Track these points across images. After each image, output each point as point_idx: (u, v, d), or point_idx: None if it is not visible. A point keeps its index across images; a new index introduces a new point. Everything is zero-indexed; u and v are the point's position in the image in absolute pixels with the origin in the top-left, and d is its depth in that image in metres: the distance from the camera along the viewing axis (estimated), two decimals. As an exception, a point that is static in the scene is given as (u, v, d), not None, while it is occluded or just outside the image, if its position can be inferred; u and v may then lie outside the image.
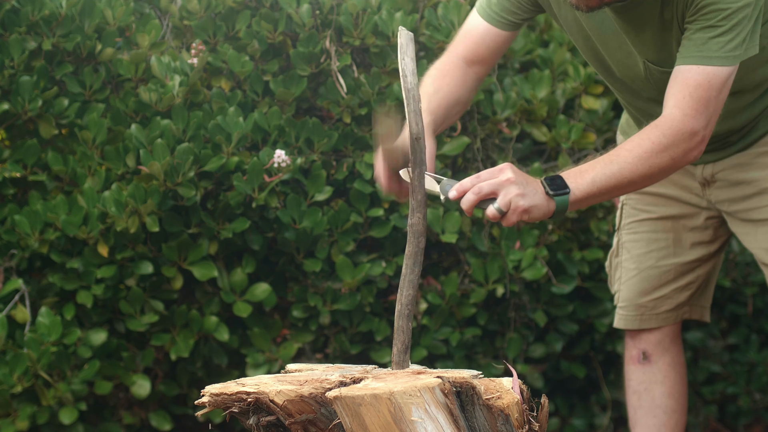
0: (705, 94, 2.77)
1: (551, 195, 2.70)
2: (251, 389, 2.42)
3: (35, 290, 3.73)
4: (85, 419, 3.84)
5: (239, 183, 3.66)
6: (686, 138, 2.77)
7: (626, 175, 2.76)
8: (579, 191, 2.72)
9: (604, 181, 2.74)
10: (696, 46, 2.77)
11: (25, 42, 3.71)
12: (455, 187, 2.68)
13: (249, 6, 3.91)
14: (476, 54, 3.08)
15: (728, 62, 2.77)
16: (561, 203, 2.71)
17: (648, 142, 2.77)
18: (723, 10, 2.74)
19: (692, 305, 3.42)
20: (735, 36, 2.76)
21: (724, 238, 3.36)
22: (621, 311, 3.44)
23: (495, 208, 2.67)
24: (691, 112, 2.77)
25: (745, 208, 3.20)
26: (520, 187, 2.67)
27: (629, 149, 2.76)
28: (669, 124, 2.77)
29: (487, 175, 2.68)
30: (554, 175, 2.73)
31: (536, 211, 2.69)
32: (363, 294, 3.86)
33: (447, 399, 2.35)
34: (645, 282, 3.37)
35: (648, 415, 3.43)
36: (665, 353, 3.43)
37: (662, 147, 2.76)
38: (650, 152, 2.76)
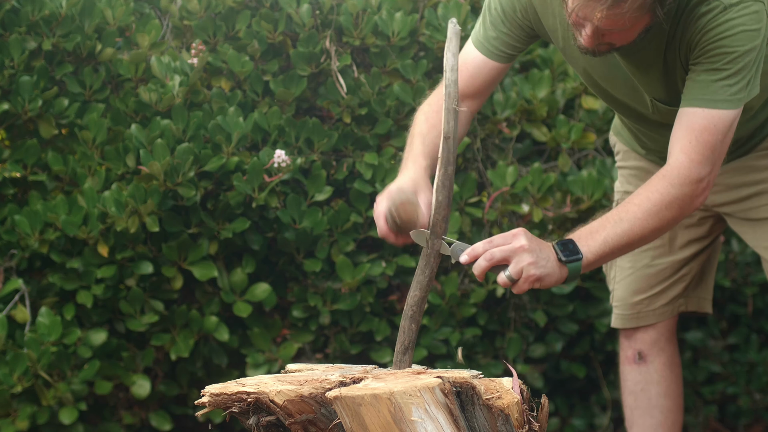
0: (711, 138, 2.75)
1: (564, 262, 2.68)
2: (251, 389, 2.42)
3: (35, 290, 3.73)
4: (85, 419, 3.84)
5: (239, 183, 3.66)
6: (693, 185, 2.76)
7: (637, 232, 2.74)
8: (591, 254, 2.71)
9: (615, 241, 2.73)
10: (701, 88, 2.75)
11: (25, 42, 3.71)
12: (467, 251, 2.66)
13: (249, 6, 3.91)
14: (471, 87, 3.02)
15: (733, 105, 2.75)
16: (574, 270, 2.70)
17: (657, 194, 2.75)
18: (729, 53, 2.71)
19: (688, 297, 3.41)
20: (740, 79, 2.73)
21: (719, 231, 3.36)
22: (617, 311, 3.44)
23: (506, 276, 2.65)
24: (698, 157, 2.75)
25: (743, 208, 3.20)
26: (533, 254, 2.65)
27: (638, 204, 2.75)
28: (676, 172, 2.76)
29: (499, 241, 2.65)
30: (566, 240, 2.71)
31: (548, 279, 2.68)
32: (363, 294, 3.86)
33: (447, 399, 2.35)
34: (640, 281, 3.37)
35: (644, 416, 3.43)
36: (661, 353, 3.43)
37: (671, 198, 2.75)
38: (659, 205, 2.75)
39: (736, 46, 2.70)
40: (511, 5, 2.94)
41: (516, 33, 2.96)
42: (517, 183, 3.95)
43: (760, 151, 3.14)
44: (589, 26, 2.66)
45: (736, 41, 2.70)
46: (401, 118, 3.91)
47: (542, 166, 4.05)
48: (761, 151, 3.14)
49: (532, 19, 2.93)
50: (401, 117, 3.91)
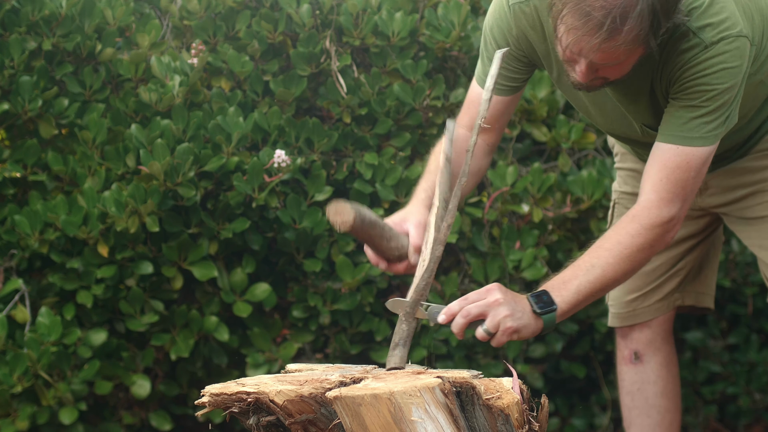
0: (683, 176, 2.76)
1: (539, 314, 2.70)
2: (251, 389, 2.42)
3: (35, 290, 3.73)
4: (85, 419, 3.84)
5: (239, 183, 3.66)
6: (663, 226, 2.77)
7: (609, 276, 2.75)
8: (565, 304, 2.73)
9: (588, 288, 2.74)
10: (677, 124, 2.75)
11: (25, 42, 3.71)
12: (444, 311, 2.68)
13: (249, 6, 3.91)
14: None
15: (709, 143, 2.76)
16: (548, 320, 2.71)
17: (628, 237, 2.76)
18: (709, 91, 2.71)
19: (684, 291, 3.41)
20: (718, 117, 2.73)
21: (715, 227, 3.36)
22: (612, 309, 3.45)
23: (484, 330, 2.67)
24: (668, 196, 2.76)
25: (739, 208, 3.20)
26: (508, 307, 2.67)
27: (609, 248, 2.76)
28: (646, 213, 2.77)
29: (474, 297, 2.68)
30: (540, 291, 2.72)
31: (525, 331, 2.70)
32: (363, 294, 3.86)
33: (447, 399, 2.35)
34: (636, 279, 3.37)
35: (642, 415, 3.43)
36: (657, 353, 3.43)
37: (642, 240, 2.76)
38: (630, 248, 2.76)
39: (716, 84, 2.70)
40: (504, 39, 2.92)
41: (513, 65, 2.96)
42: (517, 183, 3.95)
43: (755, 153, 3.14)
44: (584, 62, 2.66)
45: (716, 79, 2.70)
46: (401, 118, 3.91)
47: (542, 166, 4.05)
48: (755, 153, 3.14)
49: (525, 48, 2.92)
50: (401, 117, 3.91)
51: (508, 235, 3.95)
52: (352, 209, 2.72)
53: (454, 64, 4.03)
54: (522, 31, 2.88)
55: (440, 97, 3.92)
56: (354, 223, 2.73)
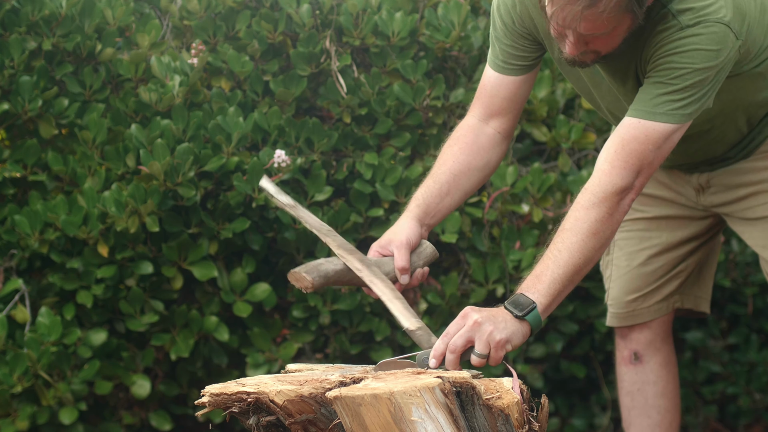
0: (639, 147, 2.74)
1: (520, 317, 2.67)
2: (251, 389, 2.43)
3: (35, 290, 3.73)
4: (85, 419, 3.84)
5: (239, 183, 3.66)
6: (617, 193, 2.73)
7: (578, 256, 2.71)
8: (544, 298, 2.69)
9: (562, 274, 2.71)
10: (644, 100, 2.74)
11: (25, 42, 3.71)
12: (432, 355, 2.66)
13: (249, 6, 3.91)
14: (492, 107, 3.02)
15: (673, 120, 2.73)
16: (533, 319, 2.68)
17: (583, 211, 2.72)
18: (677, 69, 2.70)
19: (683, 294, 3.41)
20: (687, 96, 2.72)
21: (717, 230, 3.36)
22: (611, 309, 3.44)
23: (476, 355, 2.64)
24: (620, 164, 2.74)
25: (741, 208, 3.20)
26: (490, 323, 2.64)
27: (570, 228, 2.73)
28: (597, 182, 2.74)
29: (454, 329, 2.66)
30: (515, 296, 2.70)
31: (515, 338, 2.66)
32: (363, 294, 3.86)
33: (447, 399, 2.35)
34: (636, 280, 3.37)
35: (642, 416, 3.43)
36: (656, 353, 3.43)
37: (597, 210, 2.72)
38: (588, 221, 2.72)
39: (686, 63, 2.69)
40: (509, 17, 2.94)
41: (521, 43, 2.96)
42: (517, 183, 3.95)
43: (758, 154, 3.14)
44: (571, 34, 2.66)
45: (687, 58, 2.68)
46: (401, 118, 3.91)
47: (542, 166, 4.05)
48: (759, 154, 3.14)
49: (529, 26, 2.93)
50: (401, 117, 3.91)
51: (508, 235, 3.95)
52: (308, 274, 2.82)
53: (454, 64, 4.03)
54: (525, 7, 2.90)
55: (440, 97, 3.92)
56: (315, 285, 2.82)
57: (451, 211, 3.03)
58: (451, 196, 3.00)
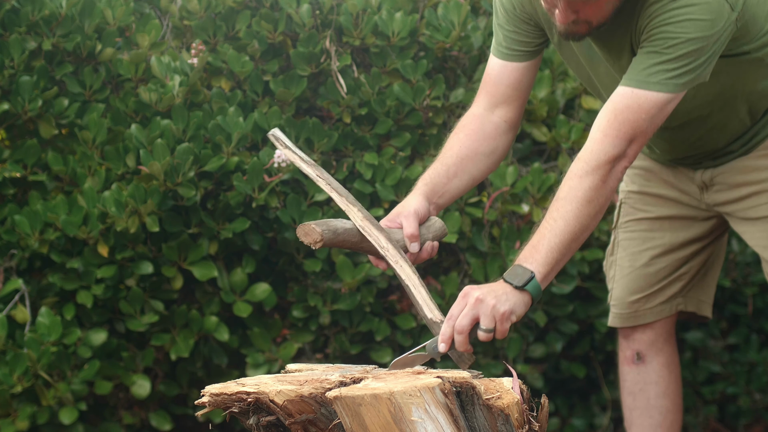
0: (632, 116, 2.73)
1: (520, 287, 2.67)
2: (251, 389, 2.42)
3: (35, 290, 3.73)
4: (85, 419, 3.84)
5: (239, 183, 3.66)
6: (609, 161, 2.73)
7: (574, 224, 2.72)
8: (542, 266, 2.69)
9: (558, 243, 2.71)
10: (637, 69, 2.74)
11: (25, 42, 3.72)
12: (440, 341, 2.66)
13: (249, 6, 3.91)
14: (496, 95, 3.02)
15: (666, 89, 2.73)
16: (534, 288, 2.68)
17: (576, 179, 2.73)
18: (671, 38, 2.70)
19: (686, 296, 3.41)
20: (680, 66, 2.72)
21: (720, 231, 3.36)
22: (614, 309, 3.44)
23: (483, 330, 2.64)
24: (612, 132, 2.73)
25: (743, 207, 3.20)
26: (491, 297, 2.64)
27: (564, 197, 2.73)
28: (589, 151, 2.74)
29: (457, 310, 2.65)
30: (512, 267, 2.70)
31: (519, 308, 2.67)
32: (363, 294, 3.86)
33: (447, 399, 2.35)
34: (639, 280, 3.37)
35: (643, 416, 3.43)
36: (659, 353, 3.43)
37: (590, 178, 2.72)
38: (582, 189, 2.72)
39: (679, 32, 2.69)
40: (510, 4, 2.96)
41: (523, 28, 2.97)
42: (517, 183, 3.95)
43: (762, 150, 3.14)
44: (560, 1, 2.67)
45: (680, 28, 2.69)
46: (401, 118, 3.91)
47: (542, 166, 4.05)
48: (763, 150, 3.14)
49: (529, 11, 2.95)
50: (401, 117, 3.91)
51: (508, 235, 3.95)
52: (318, 227, 2.72)
53: (454, 64, 4.03)
54: None
55: (440, 97, 3.93)
56: (324, 240, 2.73)
57: (459, 195, 3.01)
58: (458, 177, 2.99)
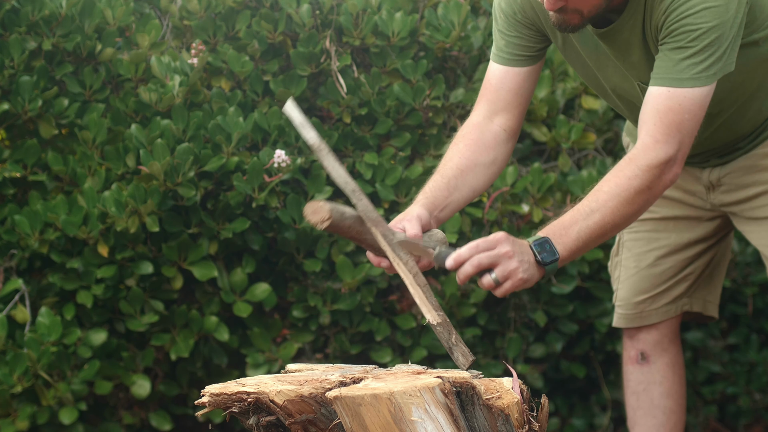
0: (676, 118, 2.75)
1: (542, 264, 2.69)
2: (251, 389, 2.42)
3: (35, 290, 3.73)
4: (85, 419, 3.84)
5: (239, 183, 3.66)
6: (661, 166, 2.75)
7: (609, 221, 2.74)
8: (566, 252, 2.71)
9: (588, 234, 2.72)
10: (667, 67, 2.75)
11: (25, 42, 3.72)
12: (453, 257, 2.67)
13: (249, 6, 3.91)
14: (497, 102, 3.01)
15: (700, 83, 2.75)
16: (550, 270, 2.71)
17: (625, 180, 2.74)
18: (693, 31, 2.71)
19: (692, 297, 3.41)
20: (707, 57, 2.73)
21: (725, 231, 3.36)
22: (619, 310, 3.44)
23: (493, 279, 2.66)
24: (663, 137, 2.75)
25: (750, 207, 3.20)
26: (518, 259, 2.66)
27: (607, 191, 2.74)
28: (642, 155, 2.75)
29: (485, 246, 2.65)
30: (542, 239, 2.70)
31: (531, 281, 2.69)
32: (363, 294, 3.86)
33: (447, 399, 2.35)
34: (644, 281, 3.37)
35: (647, 416, 3.43)
36: (664, 354, 3.43)
37: (639, 182, 2.74)
38: (628, 190, 2.74)
39: (700, 23, 2.70)
40: (510, 8, 2.95)
41: (524, 33, 2.97)
42: (517, 183, 3.95)
43: None
44: None
45: (699, 18, 2.70)
46: (401, 118, 3.91)
47: (542, 166, 4.05)
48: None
49: (531, 17, 2.94)
50: (401, 117, 3.91)
51: (508, 235, 3.95)
52: (327, 205, 2.69)
53: (454, 64, 4.03)
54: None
55: (440, 97, 3.93)
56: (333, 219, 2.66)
57: (459, 207, 3.01)
58: (459, 191, 2.98)
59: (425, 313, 2.69)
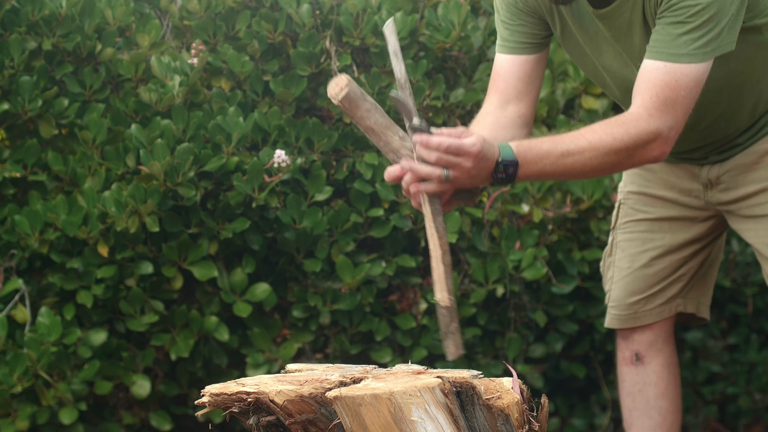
0: (672, 94, 2.73)
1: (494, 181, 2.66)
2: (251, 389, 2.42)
3: (35, 290, 3.73)
4: (85, 419, 3.84)
5: (239, 183, 3.66)
6: (649, 139, 2.74)
7: (577, 169, 2.72)
8: (522, 178, 2.68)
9: (552, 171, 2.70)
10: (665, 41, 2.73)
11: (25, 42, 3.71)
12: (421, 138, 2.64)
13: (249, 6, 3.91)
14: (507, 90, 2.99)
15: (697, 59, 2.73)
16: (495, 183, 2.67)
17: (610, 138, 2.72)
18: (692, 6, 2.70)
19: (686, 298, 3.40)
20: (706, 33, 2.71)
21: (719, 232, 3.36)
22: (612, 311, 3.43)
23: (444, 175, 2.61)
24: (657, 113, 2.73)
25: (747, 204, 3.19)
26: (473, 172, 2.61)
27: (589, 141, 2.71)
28: (634, 123, 2.73)
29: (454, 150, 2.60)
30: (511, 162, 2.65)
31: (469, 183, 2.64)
32: (363, 294, 3.86)
33: (447, 399, 2.35)
34: (638, 281, 3.37)
35: (643, 417, 3.43)
36: (658, 354, 3.43)
37: (623, 145, 2.72)
38: (609, 150, 2.72)
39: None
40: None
41: (527, 20, 2.96)
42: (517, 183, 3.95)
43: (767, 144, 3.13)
44: None
45: None
46: (401, 118, 3.90)
47: (542, 166, 4.05)
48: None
49: (532, 4, 2.94)
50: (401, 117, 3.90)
51: (508, 235, 3.95)
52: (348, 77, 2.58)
53: (454, 64, 4.03)
54: None
55: (440, 97, 3.92)
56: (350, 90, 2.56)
57: None
58: None
59: (437, 291, 2.66)
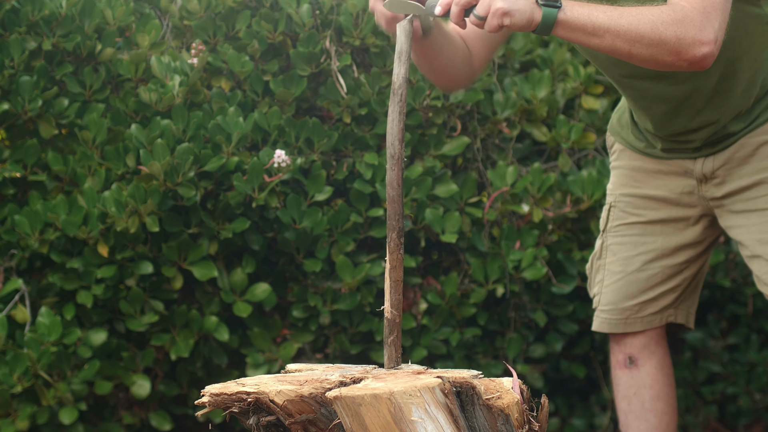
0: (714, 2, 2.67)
1: (540, 4, 2.60)
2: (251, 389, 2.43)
3: (35, 290, 3.73)
4: (85, 419, 3.84)
5: (239, 183, 3.66)
6: (695, 26, 2.66)
7: (624, 26, 2.63)
8: (571, 14, 2.62)
9: (599, 20, 2.63)
10: None
11: (25, 42, 3.72)
12: (439, 3, 2.62)
13: (249, 6, 3.91)
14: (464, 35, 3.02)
15: None
16: (547, 15, 2.60)
17: (657, 11, 2.65)
18: None
19: (677, 308, 3.40)
20: None
21: (713, 237, 3.35)
22: (604, 315, 3.41)
23: (475, 15, 2.59)
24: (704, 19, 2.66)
25: (740, 198, 3.18)
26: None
27: (639, 9, 2.66)
28: (680, 6, 2.67)
29: None
30: None
31: (518, 15, 2.59)
32: (363, 294, 3.86)
33: (447, 399, 2.35)
34: (631, 285, 3.36)
35: (639, 420, 3.43)
36: (651, 356, 3.42)
37: (671, 21, 2.64)
38: (658, 20, 2.64)
39: None
40: None
41: None
42: (517, 183, 3.95)
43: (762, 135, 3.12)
44: None
45: None
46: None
47: (542, 166, 4.05)
48: (763, 135, 3.12)
49: None
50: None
51: (508, 235, 3.95)
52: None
53: (454, 64, 4.03)
54: None
55: (440, 97, 3.93)
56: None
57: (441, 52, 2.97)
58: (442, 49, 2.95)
59: (385, 302, 2.70)
